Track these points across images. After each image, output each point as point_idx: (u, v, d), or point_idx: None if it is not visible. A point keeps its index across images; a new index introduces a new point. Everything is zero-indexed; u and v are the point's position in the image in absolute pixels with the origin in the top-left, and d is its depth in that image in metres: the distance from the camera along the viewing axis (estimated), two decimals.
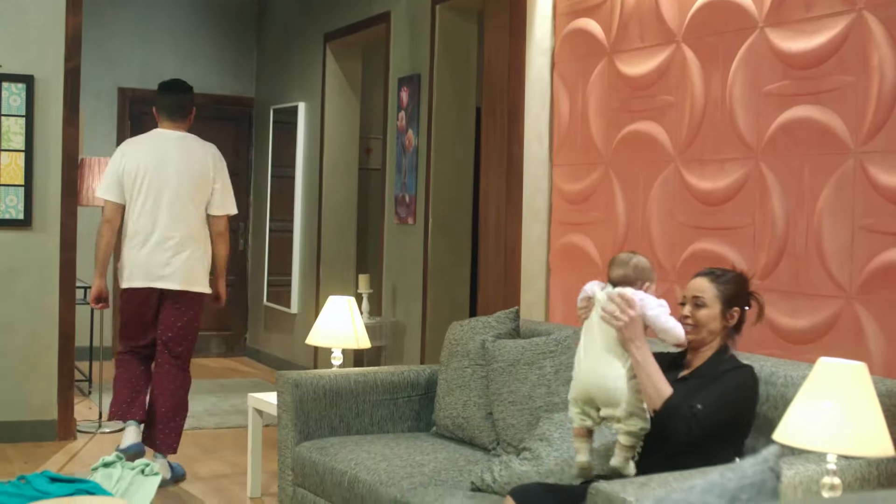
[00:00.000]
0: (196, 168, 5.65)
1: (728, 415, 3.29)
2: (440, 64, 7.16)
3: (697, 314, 3.43)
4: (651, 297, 3.38)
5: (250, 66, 10.45)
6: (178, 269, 5.57)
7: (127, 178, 5.61)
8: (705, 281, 3.46)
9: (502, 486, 3.81)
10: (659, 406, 3.25)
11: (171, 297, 5.62)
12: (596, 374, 3.35)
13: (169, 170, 5.61)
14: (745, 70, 4.19)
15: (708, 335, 3.44)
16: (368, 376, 4.82)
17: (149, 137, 5.80)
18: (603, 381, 3.33)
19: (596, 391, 3.34)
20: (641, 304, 3.32)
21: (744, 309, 3.47)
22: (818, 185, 3.87)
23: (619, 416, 3.29)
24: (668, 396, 3.25)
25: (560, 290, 5.19)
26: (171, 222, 5.57)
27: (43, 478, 3.81)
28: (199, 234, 5.64)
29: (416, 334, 7.27)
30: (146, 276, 5.58)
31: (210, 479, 5.86)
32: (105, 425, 6.98)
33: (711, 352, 3.45)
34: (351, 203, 8.94)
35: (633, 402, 3.28)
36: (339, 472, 4.29)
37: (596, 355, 3.37)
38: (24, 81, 6.48)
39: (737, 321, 3.46)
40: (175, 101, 5.82)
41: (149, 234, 5.57)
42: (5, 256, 6.50)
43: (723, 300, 3.43)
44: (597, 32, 4.99)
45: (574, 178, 5.12)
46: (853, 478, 3.20)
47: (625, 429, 3.29)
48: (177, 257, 5.56)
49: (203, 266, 5.66)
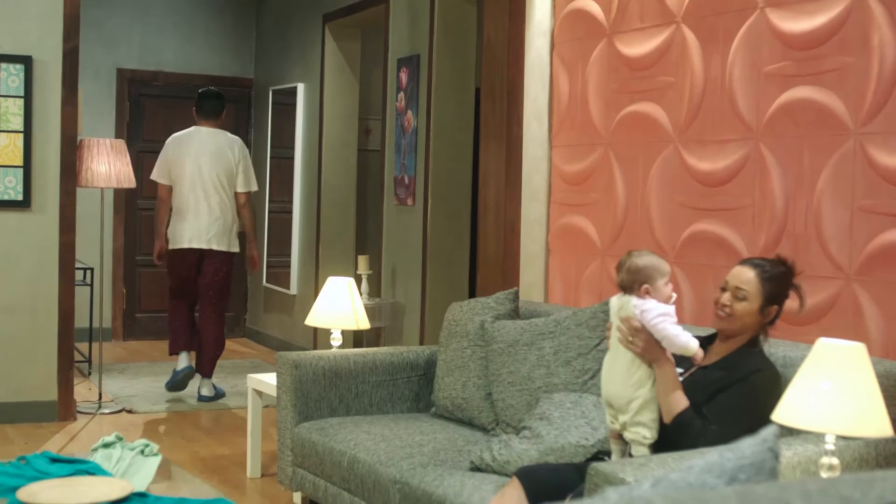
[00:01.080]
0: (224, 156, 7.22)
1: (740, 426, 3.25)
2: (439, 45, 7.14)
3: (735, 306, 3.37)
4: (652, 306, 3.28)
5: (249, 46, 10.42)
6: (214, 234, 7.18)
7: (173, 166, 7.22)
8: (752, 274, 3.38)
9: (501, 466, 3.82)
10: (669, 420, 3.26)
11: (209, 256, 7.21)
12: (611, 380, 3.39)
13: (203, 158, 7.18)
14: (745, 51, 4.18)
15: (740, 328, 3.40)
16: (368, 357, 4.82)
17: (189, 133, 7.34)
18: (614, 386, 3.36)
19: (612, 397, 3.39)
20: (641, 318, 3.28)
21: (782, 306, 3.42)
22: (818, 165, 3.87)
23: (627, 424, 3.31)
24: (679, 411, 3.25)
25: (559, 270, 5.19)
26: (206, 199, 7.16)
27: (43, 458, 3.82)
28: (228, 207, 7.24)
29: (416, 315, 7.28)
30: (189, 240, 7.17)
31: (210, 460, 5.88)
32: (105, 406, 6.99)
33: (740, 344, 3.41)
34: (350, 184, 8.93)
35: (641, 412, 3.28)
36: (339, 452, 4.30)
37: (611, 362, 3.40)
38: (23, 62, 6.47)
39: (771, 319, 3.43)
40: (210, 105, 7.37)
41: (190, 209, 7.16)
42: (4, 238, 6.50)
43: (764, 297, 3.37)
44: (596, 13, 4.97)
45: (573, 159, 5.11)
46: (852, 458, 3.21)
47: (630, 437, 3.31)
48: (212, 226, 7.17)
49: (231, 232, 7.25)
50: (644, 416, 3.29)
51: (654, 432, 3.29)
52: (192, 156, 7.18)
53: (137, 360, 8.98)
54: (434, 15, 7.13)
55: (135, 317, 10.02)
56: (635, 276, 3.32)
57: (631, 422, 3.30)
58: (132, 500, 3.39)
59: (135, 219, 9.97)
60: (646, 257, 3.36)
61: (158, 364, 8.70)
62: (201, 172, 7.17)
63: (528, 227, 5.36)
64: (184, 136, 7.32)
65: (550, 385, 4.16)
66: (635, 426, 3.30)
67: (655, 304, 3.28)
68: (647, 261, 3.34)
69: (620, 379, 3.34)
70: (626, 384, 3.32)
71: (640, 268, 3.31)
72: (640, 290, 3.30)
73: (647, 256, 3.37)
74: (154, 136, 9.95)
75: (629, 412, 3.30)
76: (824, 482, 1.38)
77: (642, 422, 3.29)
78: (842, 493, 1.34)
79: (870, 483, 1.38)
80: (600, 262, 4.93)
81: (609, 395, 3.39)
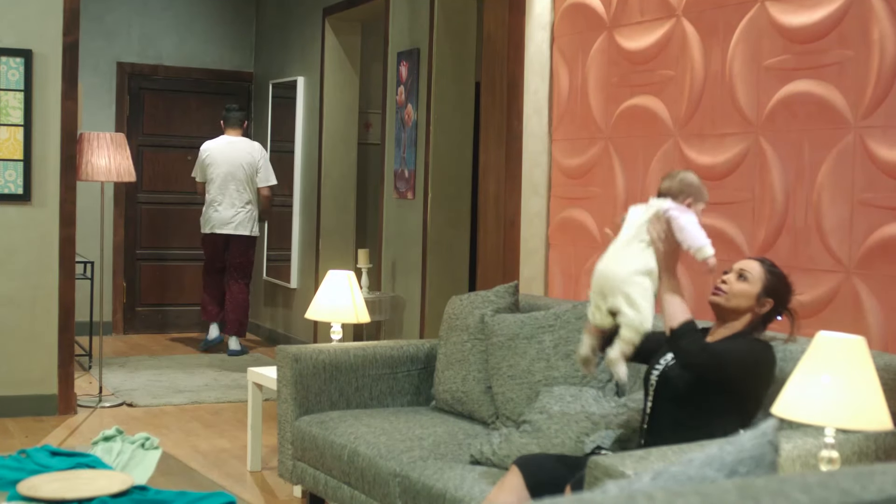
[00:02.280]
0: (246, 158, 8.75)
1: (737, 367, 3.28)
2: (440, 38, 7.13)
3: (735, 284, 3.40)
4: (688, 212, 3.37)
5: (249, 40, 10.41)
6: (238, 222, 8.72)
7: (207, 168, 8.76)
8: (756, 263, 3.44)
9: (501, 459, 3.82)
10: (676, 325, 3.30)
11: (234, 240, 8.81)
12: (606, 264, 3.42)
13: (230, 160, 8.71)
14: (746, 44, 4.18)
15: (734, 308, 3.41)
16: (368, 351, 4.83)
17: (219, 140, 8.84)
18: (612, 266, 3.39)
19: (602, 280, 3.40)
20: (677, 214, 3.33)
21: (776, 309, 3.43)
22: (818, 159, 3.87)
23: (622, 307, 3.32)
24: (686, 320, 3.31)
25: (559, 264, 5.19)
26: (231, 193, 8.69)
27: (43, 452, 3.83)
28: (250, 200, 8.77)
29: (416, 309, 7.28)
30: (212, 226, 8.76)
31: (210, 454, 5.88)
32: (105, 399, 7.00)
33: (735, 330, 3.43)
34: (350, 178, 8.93)
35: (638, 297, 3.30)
36: (339, 445, 4.30)
37: (613, 252, 3.43)
38: (23, 56, 6.47)
39: (765, 313, 3.44)
40: (235, 116, 8.86)
41: (216, 201, 8.70)
42: (4, 231, 6.50)
43: (764, 286, 3.39)
44: (596, 6, 4.97)
45: (573, 153, 5.11)
46: (851, 451, 3.21)
47: (626, 321, 3.33)
48: (236, 215, 8.71)
49: (252, 220, 8.82)
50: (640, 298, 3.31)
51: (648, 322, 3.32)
52: (220, 159, 8.72)
53: (138, 353, 8.98)
54: (434, 8, 7.12)
55: (135, 310, 10.02)
56: (686, 189, 3.42)
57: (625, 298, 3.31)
58: (133, 494, 3.39)
59: (135, 212, 9.96)
60: (696, 177, 3.47)
61: (159, 357, 8.71)
62: (227, 172, 8.67)
63: (528, 221, 5.36)
64: (215, 142, 8.81)
65: (550, 378, 4.16)
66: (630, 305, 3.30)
67: (690, 213, 3.38)
68: (699, 182, 3.46)
69: (623, 261, 3.37)
70: (630, 265, 3.35)
71: (693, 183, 3.44)
72: (684, 201, 3.41)
73: (696, 177, 3.48)
74: (154, 130, 9.96)
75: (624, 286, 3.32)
76: (824, 475, 1.38)
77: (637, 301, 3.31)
78: (841, 487, 1.34)
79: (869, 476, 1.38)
80: (600, 256, 4.93)
81: (605, 274, 3.39)
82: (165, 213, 9.99)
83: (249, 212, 8.79)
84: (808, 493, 1.31)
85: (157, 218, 10.00)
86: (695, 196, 3.43)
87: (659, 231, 3.36)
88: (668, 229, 3.35)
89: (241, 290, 8.94)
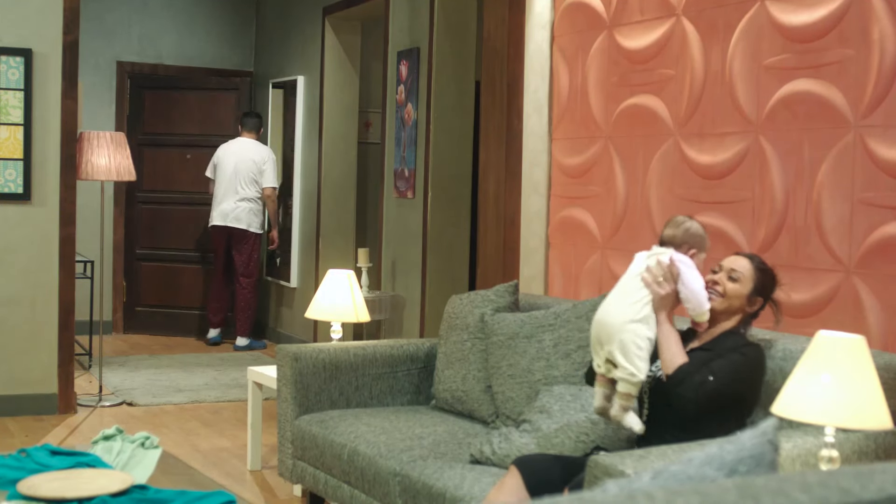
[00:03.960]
0: (252, 157, 9.10)
1: (735, 388, 3.30)
2: (439, 37, 7.13)
3: (728, 286, 3.42)
4: (694, 269, 3.37)
5: (249, 39, 10.41)
6: (235, 215, 9.04)
7: (216, 166, 9.18)
8: (746, 261, 3.46)
9: (501, 459, 3.82)
10: (671, 370, 3.28)
11: (235, 234, 9.11)
12: (605, 311, 3.40)
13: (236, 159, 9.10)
14: (746, 43, 4.18)
15: (727, 311, 3.43)
16: (368, 350, 4.83)
17: (232, 141, 9.22)
18: (606, 316, 3.37)
19: (599, 328, 3.39)
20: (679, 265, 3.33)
21: (765, 304, 3.47)
22: (818, 158, 3.87)
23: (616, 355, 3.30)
24: (682, 363, 3.29)
25: (559, 263, 5.19)
26: (233, 189, 9.05)
27: (43, 451, 3.83)
28: (251, 197, 9.10)
29: (416, 308, 7.28)
30: (214, 218, 9.11)
31: (210, 453, 5.88)
32: (105, 399, 7.00)
33: (724, 329, 3.44)
34: (350, 177, 8.93)
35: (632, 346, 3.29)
36: (339, 445, 4.30)
37: (611, 299, 3.42)
38: (23, 55, 6.47)
39: (755, 311, 3.46)
40: (248, 122, 9.25)
41: (220, 196, 9.09)
42: (4, 231, 6.50)
43: (755, 284, 3.43)
44: (596, 6, 4.97)
45: (573, 152, 5.11)
46: (851, 451, 3.21)
47: (620, 374, 3.31)
48: (235, 209, 9.04)
49: (253, 216, 9.12)
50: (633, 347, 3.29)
51: (642, 373, 3.30)
52: (228, 160, 9.10)
53: (138, 353, 8.98)
54: (434, 8, 7.12)
55: (135, 310, 10.02)
56: (689, 238, 3.42)
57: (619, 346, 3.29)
58: (133, 493, 3.39)
59: (135, 212, 9.96)
60: (699, 225, 3.47)
61: (158, 357, 8.71)
62: (232, 170, 9.05)
63: (528, 220, 5.36)
64: (228, 144, 9.21)
65: (550, 378, 4.16)
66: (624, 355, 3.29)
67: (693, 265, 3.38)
68: (703, 232, 3.46)
69: (618, 310, 3.35)
70: (623, 315, 3.33)
71: (697, 234, 3.43)
72: (687, 251, 3.40)
73: (699, 225, 3.47)
74: (154, 129, 9.95)
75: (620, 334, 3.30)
76: (824, 474, 1.38)
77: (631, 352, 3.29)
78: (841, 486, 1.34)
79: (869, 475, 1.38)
80: (600, 255, 4.93)
81: (602, 322, 3.37)
82: (165, 213, 9.99)
83: (250, 208, 9.09)
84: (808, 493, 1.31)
85: (156, 217, 9.99)
86: (698, 246, 3.43)
87: (656, 275, 3.34)
88: (668, 274, 3.33)
89: (247, 287, 9.23)
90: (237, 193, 9.06)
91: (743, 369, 3.33)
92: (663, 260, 3.36)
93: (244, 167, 9.07)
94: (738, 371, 3.31)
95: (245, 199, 9.08)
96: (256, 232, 9.19)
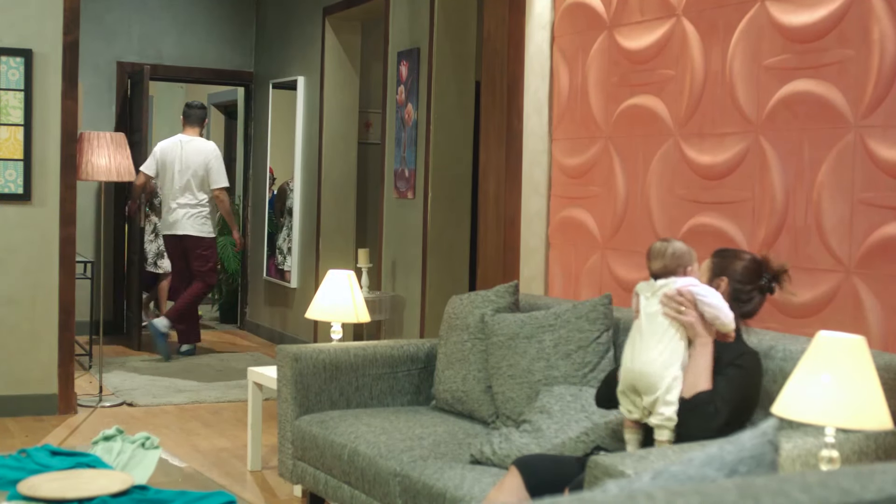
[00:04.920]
0: (197, 158, 8.60)
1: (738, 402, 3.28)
2: (440, 38, 7.14)
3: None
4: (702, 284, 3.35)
5: (249, 39, 10.41)
6: (183, 222, 8.59)
7: (158, 166, 8.73)
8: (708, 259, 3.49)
9: (502, 459, 3.82)
10: (690, 395, 3.25)
11: (187, 242, 8.64)
12: (639, 360, 3.35)
13: (180, 160, 8.63)
14: (746, 44, 4.18)
15: None
16: (368, 350, 4.83)
17: (173, 139, 8.76)
18: (643, 366, 3.33)
19: (638, 377, 3.34)
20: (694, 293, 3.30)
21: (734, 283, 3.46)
22: (818, 159, 3.87)
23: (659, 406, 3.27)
24: (703, 389, 3.25)
25: (559, 263, 5.19)
26: (179, 193, 8.57)
27: (44, 451, 3.83)
28: (199, 201, 8.63)
29: (416, 308, 7.28)
30: (163, 228, 8.77)
31: (210, 453, 5.88)
32: (105, 399, 7.00)
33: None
34: (350, 177, 8.93)
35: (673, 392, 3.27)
36: (339, 445, 4.30)
37: (641, 344, 3.36)
38: (23, 55, 6.47)
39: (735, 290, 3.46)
40: (195, 114, 8.78)
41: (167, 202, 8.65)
42: (5, 231, 6.50)
43: (712, 271, 3.47)
44: (596, 6, 4.97)
45: (573, 152, 5.11)
46: (851, 451, 3.21)
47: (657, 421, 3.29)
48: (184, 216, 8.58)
49: (203, 220, 8.65)
50: (672, 395, 3.27)
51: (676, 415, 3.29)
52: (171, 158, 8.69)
53: (138, 353, 8.98)
54: (434, 8, 7.13)
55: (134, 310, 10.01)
56: (679, 261, 3.39)
57: (661, 400, 3.27)
58: (133, 493, 3.39)
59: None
60: (680, 243, 3.44)
61: (158, 357, 8.70)
62: (178, 172, 8.63)
63: (528, 221, 5.36)
64: (168, 141, 8.77)
65: (550, 378, 4.16)
66: (663, 406, 3.27)
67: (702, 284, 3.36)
68: (685, 246, 3.44)
69: (651, 357, 3.31)
70: (658, 362, 3.30)
71: (683, 251, 3.41)
72: (685, 272, 3.38)
73: (680, 242, 3.45)
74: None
75: (658, 390, 3.27)
76: (824, 475, 1.38)
77: (670, 401, 3.27)
78: (842, 486, 1.34)
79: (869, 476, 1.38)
80: (600, 255, 4.93)
81: (636, 376, 3.33)
82: None
83: (199, 212, 8.67)
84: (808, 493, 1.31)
85: None
86: (689, 262, 3.41)
87: (676, 306, 3.32)
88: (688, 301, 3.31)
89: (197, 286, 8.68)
90: (186, 198, 8.61)
91: (743, 384, 3.32)
92: (671, 292, 3.33)
93: (191, 170, 8.64)
94: (738, 388, 3.30)
95: (194, 205, 8.65)
96: (209, 236, 8.78)
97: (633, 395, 3.36)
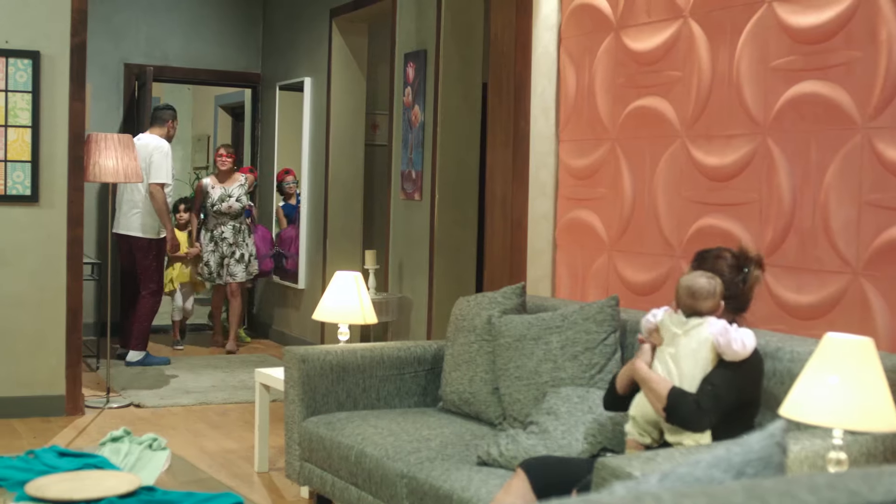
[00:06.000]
0: (141, 154, 7.86)
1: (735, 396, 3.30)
2: (446, 39, 7.14)
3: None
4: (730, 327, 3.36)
5: (256, 41, 10.42)
6: (127, 221, 8.30)
7: None
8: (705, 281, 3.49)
9: (509, 461, 3.82)
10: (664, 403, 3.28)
11: (132, 243, 8.34)
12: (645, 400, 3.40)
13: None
14: (753, 45, 4.18)
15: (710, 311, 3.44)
16: (375, 352, 4.83)
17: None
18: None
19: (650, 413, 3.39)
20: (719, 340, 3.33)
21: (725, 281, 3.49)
22: (825, 160, 3.87)
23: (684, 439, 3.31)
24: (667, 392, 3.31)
25: (566, 265, 5.19)
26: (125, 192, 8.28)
27: (51, 452, 3.83)
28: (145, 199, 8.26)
29: (423, 310, 7.28)
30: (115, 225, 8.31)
31: (217, 454, 5.89)
32: (112, 400, 7.01)
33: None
34: (357, 179, 8.94)
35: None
36: (346, 446, 4.30)
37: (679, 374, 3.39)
38: (31, 57, 6.48)
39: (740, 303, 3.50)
40: (158, 116, 8.52)
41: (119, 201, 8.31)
42: (13, 232, 6.51)
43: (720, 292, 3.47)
44: (603, 7, 4.97)
45: (580, 154, 5.11)
46: (859, 453, 3.21)
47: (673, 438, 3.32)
48: (127, 214, 8.30)
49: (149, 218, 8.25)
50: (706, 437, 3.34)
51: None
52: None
53: None
54: (441, 10, 7.13)
55: None
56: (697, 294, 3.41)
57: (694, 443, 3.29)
58: (140, 494, 3.40)
59: None
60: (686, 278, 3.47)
61: (165, 358, 8.71)
62: None
63: (535, 222, 5.36)
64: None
65: (557, 379, 4.16)
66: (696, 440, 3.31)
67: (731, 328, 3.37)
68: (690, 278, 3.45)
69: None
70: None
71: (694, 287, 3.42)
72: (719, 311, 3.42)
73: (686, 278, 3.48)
74: None
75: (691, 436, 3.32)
76: (832, 477, 1.38)
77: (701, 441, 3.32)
78: (849, 488, 1.34)
79: (877, 477, 1.38)
80: (607, 257, 4.93)
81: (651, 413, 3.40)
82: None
83: (142, 211, 8.30)
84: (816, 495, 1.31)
85: None
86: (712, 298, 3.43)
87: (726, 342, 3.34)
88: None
89: (144, 300, 8.42)
90: (129, 196, 8.28)
91: (739, 381, 3.33)
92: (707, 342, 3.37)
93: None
94: (734, 383, 3.31)
95: (137, 203, 8.27)
96: (150, 237, 8.36)
97: (650, 426, 3.39)
